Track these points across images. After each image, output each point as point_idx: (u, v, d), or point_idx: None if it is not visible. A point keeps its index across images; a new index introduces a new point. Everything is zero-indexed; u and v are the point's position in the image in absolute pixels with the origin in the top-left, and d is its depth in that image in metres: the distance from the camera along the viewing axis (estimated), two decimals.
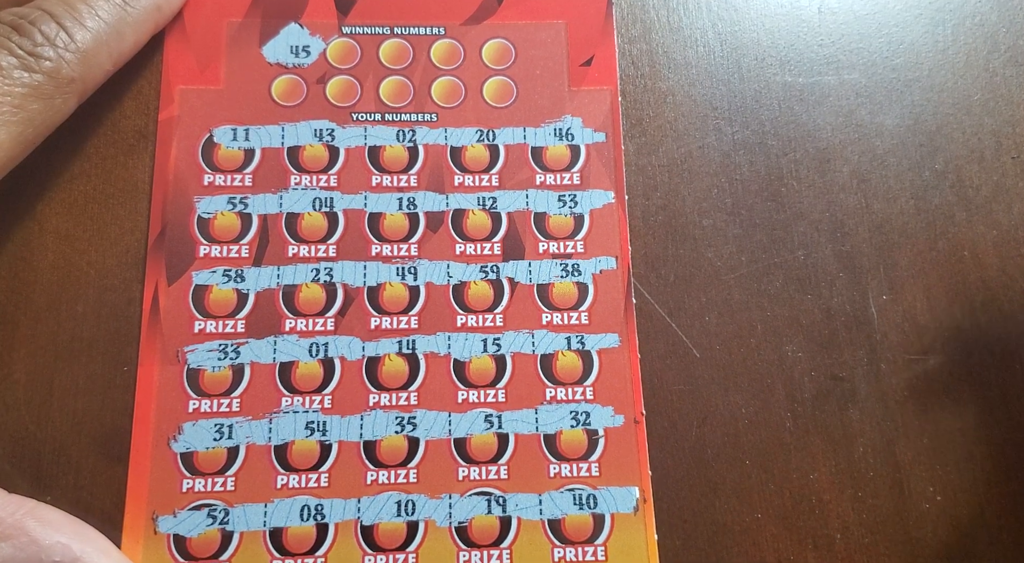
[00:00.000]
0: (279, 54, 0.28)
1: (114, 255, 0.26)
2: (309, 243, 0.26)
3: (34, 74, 0.23)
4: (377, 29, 0.28)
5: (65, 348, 0.25)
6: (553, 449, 0.25)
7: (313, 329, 0.25)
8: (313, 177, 0.27)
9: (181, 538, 0.23)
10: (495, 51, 0.29)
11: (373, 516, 0.24)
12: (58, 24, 0.24)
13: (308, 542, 0.24)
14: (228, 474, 0.24)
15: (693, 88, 0.29)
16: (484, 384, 0.25)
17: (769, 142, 0.28)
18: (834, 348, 0.26)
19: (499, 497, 0.24)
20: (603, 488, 0.24)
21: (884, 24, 0.30)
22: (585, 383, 0.25)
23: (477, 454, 0.25)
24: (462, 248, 0.27)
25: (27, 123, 0.23)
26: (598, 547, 0.24)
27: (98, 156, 0.27)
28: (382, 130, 0.27)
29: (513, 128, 0.28)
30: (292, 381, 0.25)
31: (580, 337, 0.26)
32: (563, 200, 0.27)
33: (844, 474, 0.25)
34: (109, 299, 0.25)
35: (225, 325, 0.25)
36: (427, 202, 0.27)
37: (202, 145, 0.27)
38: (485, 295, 0.26)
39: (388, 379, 0.25)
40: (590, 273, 0.26)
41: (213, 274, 0.26)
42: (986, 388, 0.26)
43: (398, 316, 0.26)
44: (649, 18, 0.29)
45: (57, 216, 0.26)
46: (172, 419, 0.24)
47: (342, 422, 0.25)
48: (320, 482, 0.24)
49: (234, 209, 0.26)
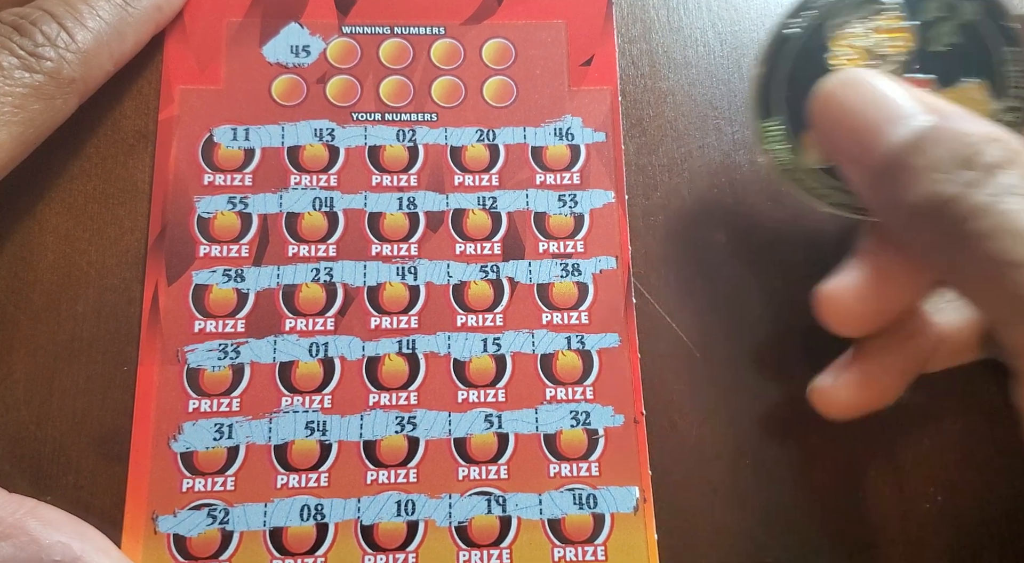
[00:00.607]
0: (279, 54, 0.28)
1: (114, 255, 0.26)
2: (309, 243, 0.26)
3: (35, 74, 0.23)
4: (377, 29, 0.28)
5: (65, 348, 0.25)
6: (553, 449, 0.25)
7: (313, 329, 0.25)
8: (313, 177, 0.27)
9: (181, 538, 0.23)
10: (495, 51, 0.29)
11: (373, 516, 0.24)
12: (59, 24, 0.24)
13: (308, 542, 0.24)
14: (228, 474, 0.24)
15: (693, 88, 0.29)
16: (484, 384, 0.25)
17: None
18: (835, 347, 0.26)
19: (499, 497, 0.24)
20: (603, 488, 0.24)
21: None
22: (585, 383, 0.25)
23: (477, 454, 0.25)
24: (462, 248, 0.27)
25: (28, 123, 0.23)
26: (598, 547, 0.24)
27: (98, 156, 0.27)
28: (382, 130, 0.28)
29: (513, 128, 0.28)
30: (292, 381, 0.25)
31: (580, 337, 0.26)
32: (563, 200, 0.27)
33: (844, 474, 0.25)
34: (109, 299, 0.25)
35: (225, 325, 0.25)
36: (427, 202, 0.27)
37: (202, 145, 0.27)
38: (485, 295, 0.26)
39: (388, 379, 0.25)
40: (590, 273, 0.26)
41: (213, 274, 0.26)
42: (986, 387, 0.26)
43: (398, 316, 0.26)
44: (649, 18, 0.29)
45: (57, 216, 0.26)
46: (172, 419, 0.24)
47: (342, 422, 0.25)
48: (320, 482, 0.24)
49: (234, 209, 0.26)
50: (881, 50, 0.24)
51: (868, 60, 0.24)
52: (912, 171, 0.19)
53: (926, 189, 0.19)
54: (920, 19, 0.24)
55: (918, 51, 0.24)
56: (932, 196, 0.19)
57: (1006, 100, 0.23)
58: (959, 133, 0.19)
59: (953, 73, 0.23)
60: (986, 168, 0.18)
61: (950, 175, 0.19)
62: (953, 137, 0.19)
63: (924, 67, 0.24)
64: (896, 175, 0.20)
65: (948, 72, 0.24)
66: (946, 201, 0.18)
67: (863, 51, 0.24)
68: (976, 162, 0.18)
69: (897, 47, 0.24)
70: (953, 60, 0.24)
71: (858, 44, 0.24)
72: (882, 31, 0.24)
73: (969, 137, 0.19)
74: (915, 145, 0.19)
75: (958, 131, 0.19)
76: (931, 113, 0.20)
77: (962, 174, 0.18)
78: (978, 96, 0.23)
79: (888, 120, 0.20)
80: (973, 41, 0.23)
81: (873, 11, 0.24)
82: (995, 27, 0.23)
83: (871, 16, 0.24)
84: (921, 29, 0.24)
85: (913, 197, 0.19)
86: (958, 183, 0.18)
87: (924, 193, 0.19)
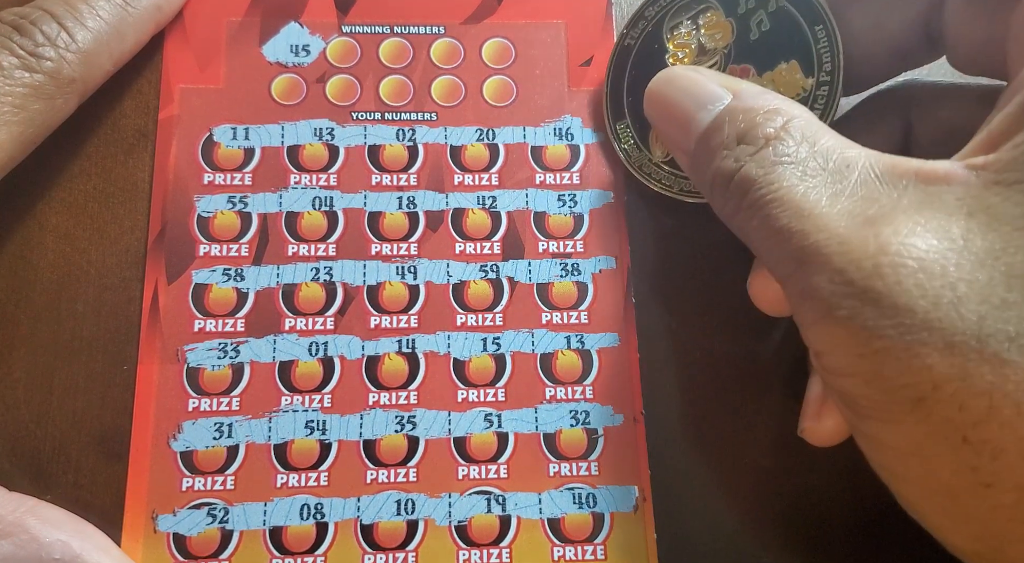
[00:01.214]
0: (279, 53, 0.28)
1: (114, 254, 0.26)
2: (309, 242, 0.26)
3: (35, 74, 0.23)
4: (377, 28, 0.28)
5: (65, 347, 0.25)
6: (553, 448, 0.25)
7: (313, 328, 0.26)
8: (313, 176, 0.27)
9: (181, 537, 0.23)
10: (495, 50, 0.29)
11: (373, 515, 0.24)
12: (59, 24, 0.24)
13: (308, 541, 0.24)
14: (228, 473, 0.24)
15: None
16: (484, 383, 0.25)
17: None
18: None
19: (499, 496, 0.24)
20: (602, 487, 0.24)
21: None
22: (585, 382, 0.25)
23: (477, 453, 0.25)
24: (462, 247, 0.27)
25: (28, 123, 0.23)
26: (597, 546, 0.24)
27: (98, 155, 0.27)
28: (382, 129, 0.28)
29: (513, 127, 0.28)
30: (292, 380, 0.25)
31: (580, 336, 0.26)
32: (563, 199, 0.27)
33: (844, 474, 0.25)
34: (109, 298, 0.25)
35: (225, 324, 0.25)
36: (427, 201, 0.27)
37: (202, 144, 0.27)
38: (485, 294, 0.26)
39: (388, 378, 0.25)
40: (590, 272, 0.26)
41: (213, 273, 0.26)
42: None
43: (398, 315, 0.26)
44: None
45: (57, 215, 0.26)
46: (172, 418, 0.24)
47: (342, 421, 0.25)
48: (320, 481, 0.24)
49: (234, 208, 0.26)
50: (708, 44, 0.26)
51: (697, 56, 0.26)
52: (708, 151, 0.21)
53: (715, 165, 0.21)
54: (736, 12, 0.26)
55: (737, 42, 0.25)
56: (717, 172, 0.20)
57: (820, 76, 0.24)
58: (746, 109, 0.21)
59: (770, 58, 0.25)
60: (764, 139, 0.20)
61: (733, 151, 0.20)
62: (740, 114, 0.21)
63: (744, 56, 0.26)
64: (700, 156, 0.22)
65: (765, 58, 0.25)
66: (729, 176, 0.20)
67: (693, 48, 0.26)
68: (754, 136, 0.20)
69: (718, 41, 0.26)
70: (768, 46, 0.25)
71: (688, 42, 0.26)
72: (707, 27, 0.26)
73: (752, 112, 0.20)
74: (712, 126, 0.21)
75: (745, 107, 0.21)
76: (731, 95, 0.22)
77: (743, 148, 0.20)
78: (793, 76, 0.25)
79: (698, 107, 0.22)
80: (784, 25, 0.25)
81: (700, 10, 0.26)
82: (802, 8, 0.25)
83: (699, 15, 0.26)
84: (738, 20, 0.25)
85: (708, 175, 0.21)
86: (736, 156, 0.20)
87: (713, 169, 0.21)
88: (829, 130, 0.20)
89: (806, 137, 0.19)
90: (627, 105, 0.27)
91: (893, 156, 0.19)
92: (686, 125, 0.22)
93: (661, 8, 0.26)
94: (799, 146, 0.19)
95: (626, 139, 0.27)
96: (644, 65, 0.27)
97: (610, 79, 0.27)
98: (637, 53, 0.27)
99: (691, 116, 0.22)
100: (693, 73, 0.23)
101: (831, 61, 0.24)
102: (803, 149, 0.19)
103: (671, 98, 0.23)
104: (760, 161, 0.19)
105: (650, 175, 0.26)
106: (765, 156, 0.19)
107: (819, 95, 0.24)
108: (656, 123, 0.24)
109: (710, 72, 0.23)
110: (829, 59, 0.24)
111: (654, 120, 0.24)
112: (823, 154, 0.19)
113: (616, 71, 0.27)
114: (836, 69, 0.24)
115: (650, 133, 0.27)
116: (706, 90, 0.22)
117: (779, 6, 0.25)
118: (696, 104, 0.22)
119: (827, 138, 0.19)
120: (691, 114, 0.22)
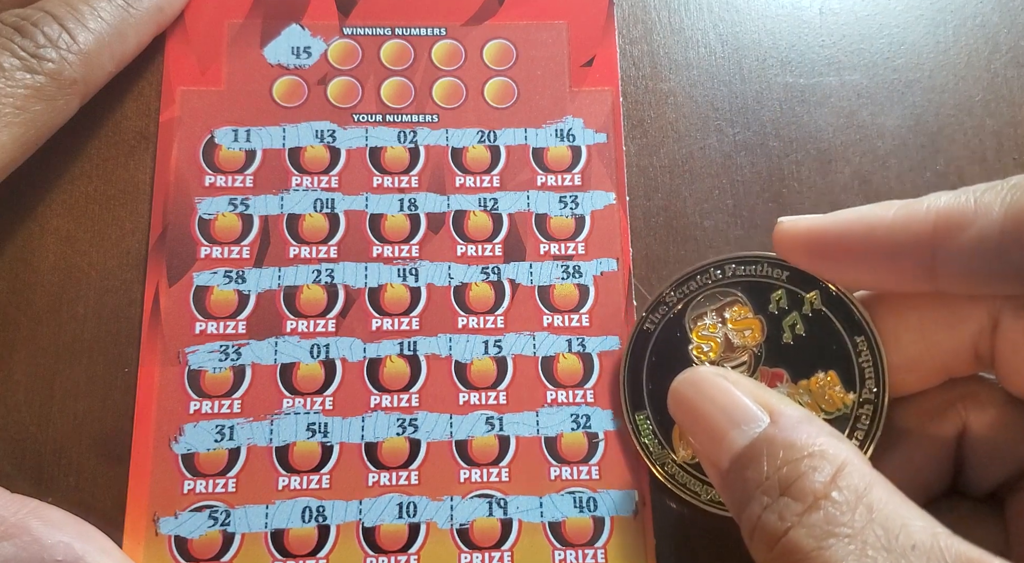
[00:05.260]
0: (280, 55, 0.28)
1: (115, 256, 0.26)
2: (310, 244, 0.26)
3: (36, 75, 0.23)
4: (378, 30, 0.28)
5: (66, 349, 0.25)
6: (554, 452, 0.25)
7: (314, 330, 0.26)
8: (314, 178, 0.27)
9: (182, 539, 0.24)
10: (496, 52, 0.28)
11: (375, 518, 0.24)
12: (60, 26, 0.24)
13: (310, 544, 0.24)
14: (229, 475, 0.24)
15: (694, 89, 0.29)
16: (485, 386, 0.25)
17: (770, 143, 0.28)
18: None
19: (500, 499, 0.24)
20: (603, 491, 0.24)
21: (885, 25, 0.30)
22: (586, 386, 0.25)
23: (478, 456, 0.25)
24: (463, 249, 0.27)
25: (29, 124, 0.23)
26: (598, 550, 0.24)
27: (99, 157, 0.27)
28: (383, 131, 0.27)
29: (514, 129, 0.28)
30: (293, 382, 0.25)
31: (581, 339, 0.26)
32: (564, 201, 0.27)
33: None
34: (110, 300, 0.25)
35: (226, 326, 0.25)
36: (428, 203, 0.27)
37: (203, 146, 0.27)
38: (486, 297, 0.26)
39: (389, 381, 0.25)
40: (591, 275, 0.26)
41: (214, 275, 0.26)
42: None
43: (399, 317, 0.26)
44: (650, 19, 0.29)
45: (58, 217, 0.26)
46: (173, 420, 0.24)
47: (343, 424, 0.25)
48: (321, 484, 0.24)
49: (235, 210, 0.26)
50: (737, 341, 0.24)
51: (724, 351, 0.24)
52: (744, 484, 0.19)
53: (755, 512, 0.18)
54: (765, 311, 0.24)
55: (769, 342, 0.24)
56: (761, 526, 0.18)
57: (863, 393, 0.22)
58: (787, 444, 0.19)
59: (806, 365, 0.23)
60: (813, 496, 0.18)
61: (776, 501, 0.18)
62: (781, 450, 0.19)
63: (776, 359, 0.23)
64: (734, 484, 0.19)
65: (800, 364, 0.23)
66: (775, 536, 0.18)
67: (719, 342, 0.24)
68: (800, 488, 0.18)
69: (747, 338, 0.24)
70: (804, 351, 0.23)
71: (714, 335, 0.24)
72: (734, 322, 0.24)
73: (794, 450, 0.18)
74: (748, 454, 0.19)
75: (786, 442, 0.19)
76: (768, 417, 0.19)
77: (788, 504, 0.18)
78: (832, 390, 0.23)
79: (731, 425, 0.20)
80: (822, 331, 0.23)
81: (726, 302, 0.24)
82: (840, 316, 0.23)
83: (724, 308, 0.24)
84: (768, 320, 0.24)
85: (746, 519, 0.19)
86: (780, 513, 0.18)
87: (753, 518, 0.18)
88: (881, 480, 0.18)
89: (861, 497, 0.17)
90: (647, 393, 0.24)
91: (966, 544, 0.17)
92: (718, 441, 0.20)
93: (683, 296, 0.24)
94: (854, 512, 0.17)
95: (646, 432, 0.24)
96: (665, 353, 0.24)
97: (628, 364, 0.25)
98: (657, 339, 0.24)
99: (723, 433, 0.20)
100: (723, 382, 0.21)
101: (875, 377, 0.22)
102: (859, 516, 0.17)
103: (699, 408, 0.21)
104: (811, 528, 0.17)
105: (673, 477, 0.24)
106: (815, 521, 0.17)
107: (862, 414, 0.22)
108: (683, 427, 0.22)
109: (742, 380, 0.21)
110: (873, 375, 0.22)
111: (681, 424, 0.22)
112: (883, 524, 0.17)
113: (635, 356, 0.25)
114: (881, 387, 0.22)
115: (674, 428, 0.24)
116: (739, 406, 0.20)
117: (815, 310, 0.23)
118: (729, 421, 0.20)
119: (884, 497, 0.17)
120: (723, 431, 0.20)
